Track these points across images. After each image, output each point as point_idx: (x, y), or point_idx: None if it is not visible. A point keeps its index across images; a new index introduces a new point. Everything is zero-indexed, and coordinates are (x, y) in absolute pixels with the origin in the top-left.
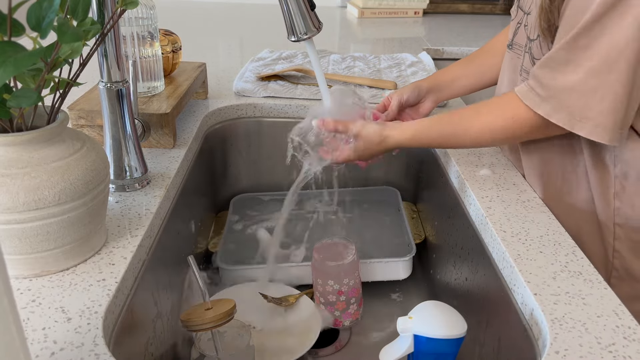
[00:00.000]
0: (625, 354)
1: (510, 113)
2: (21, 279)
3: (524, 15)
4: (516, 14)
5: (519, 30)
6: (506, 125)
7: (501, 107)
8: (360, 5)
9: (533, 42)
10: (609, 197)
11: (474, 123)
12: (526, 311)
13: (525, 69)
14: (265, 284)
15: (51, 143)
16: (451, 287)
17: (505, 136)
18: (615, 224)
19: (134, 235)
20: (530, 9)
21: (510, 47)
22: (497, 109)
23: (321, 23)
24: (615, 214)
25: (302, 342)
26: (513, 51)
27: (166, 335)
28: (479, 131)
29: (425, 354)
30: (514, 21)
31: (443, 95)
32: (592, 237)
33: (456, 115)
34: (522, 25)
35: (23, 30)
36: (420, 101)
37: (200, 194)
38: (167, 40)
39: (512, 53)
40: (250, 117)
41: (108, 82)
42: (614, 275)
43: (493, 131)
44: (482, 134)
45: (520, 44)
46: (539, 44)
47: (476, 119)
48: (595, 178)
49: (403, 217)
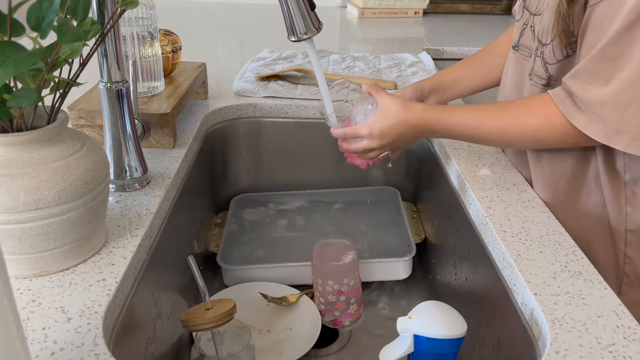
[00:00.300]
0: (626, 354)
1: (543, 114)
2: (21, 279)
3: (530, 16)
4: (522, 15)
5: (525, 31)
6: (537, 125)
7: (534, 105)
8: (360, 5)
9: (546, 46)
10: (621, 203)
11: (501, 116)
12: (526, 311)
13: (536, 73)
14: (265, 284)
15: (51, 143)
16: (451, 287)
17: (535, 137)
18: (627, 230)
19: (134, 235)
20: (539, 10)
21: (516, 49)
22: (529, 106)
23: (321, 23)
24: (627, 219)
25: (302, 342)
26: (519, 53)
27: (166, 335)
28: (507, 126)
29: (425, 354)
30: (519, 22)
31: (446, 96)
32: (603, 243)
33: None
34: (529, 27)
35: (23, 30)
36: (422, 102)
37: (200, 194)
38: (167, 40)
39: (519, 55)
40: (250, 117)
41: (108, 82)
42: (625, 281)
43: (522, 127)
44: (511, 128)
45: (527, 46)
46: (552, 49)
47: (507, 113)
48: (606, 184)
49: (403, 217)
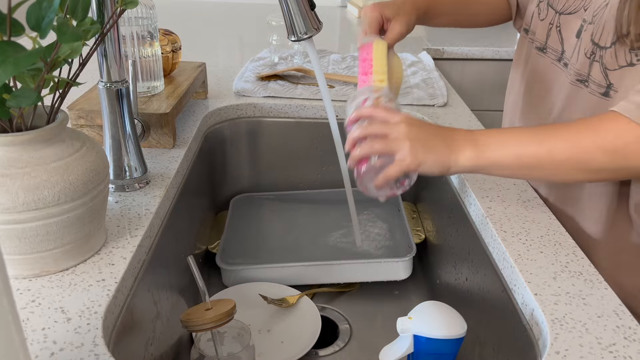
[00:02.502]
0: (626, 354)
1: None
2: (21, 279)
3: (556, 14)
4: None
5: (551, 31)
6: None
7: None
8: (360, 5)
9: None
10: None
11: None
12: (526, 311)
13: (594, 80)
14: (265, 284)
15: (51, 143)
16: (451, 287)
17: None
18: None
19: (134, 235)
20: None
21: (543, 51)
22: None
23: (321, 23)
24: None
25: (302, 343)
26: (547, 56)
27: (166, 335)
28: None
29: (425, 354)
30: (543, 21)
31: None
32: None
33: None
34: (554, 27)
35: (23, 30)
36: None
37: (200, 194)
38: (167, 40)
39: (546, 58)
40: (250, 117)
41: (108, 82)
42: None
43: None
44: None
45: (554, 49)
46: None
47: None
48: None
49: (403, 217)
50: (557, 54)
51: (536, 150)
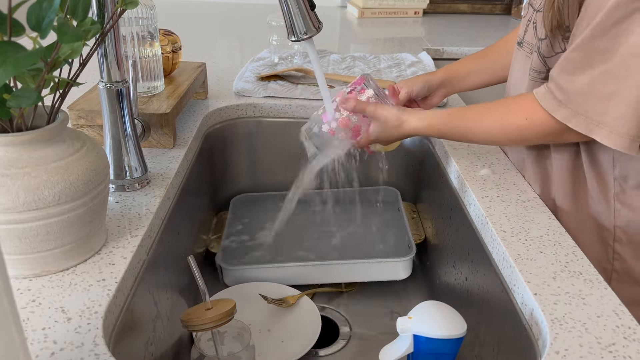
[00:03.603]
0: (626, 354)
1: (525, 114)
2: (21, 279)
3: (534, 12)
4: (527, 11)
5: (528, 27)
6: (521, 125)
7: (517, 106)
8: (360, 5)
9: (542, 41)
10: (609, 199)
11: (488, 121)
12: (526, 311)
13: (534, 69)
14: (265, 284)
15: (51, 143)
16: (451, 287)
17: (520, 136)
18: (616, 226)
19: (134, 235)
20: (541, 6)
21: (520, 45)
22: (512, 108)
23: (321, 23)
24: (615, 216)
25: (302, 343)
26: (523, 49)
27: (166, 335)
28: (492, 128)
29: (425, 354)
30: (524, 18)
31: (454, 89)
32: (591, 239)
33: (471, 111)
34: (532, 23)
35: (23, 30)
36: (430, 95)
37: (200, 194)
38: (167, 40)
39: (522, 51)
40: (250, 117)
41: (108, 82)
42: (614, 277)
43: (505, 130)
44: (494, 131)
45: (529, 42)
46: (549, 43)
47: (490, 117)
48: (593, 180)
49: (403, 217)
50: (531, 48)
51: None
